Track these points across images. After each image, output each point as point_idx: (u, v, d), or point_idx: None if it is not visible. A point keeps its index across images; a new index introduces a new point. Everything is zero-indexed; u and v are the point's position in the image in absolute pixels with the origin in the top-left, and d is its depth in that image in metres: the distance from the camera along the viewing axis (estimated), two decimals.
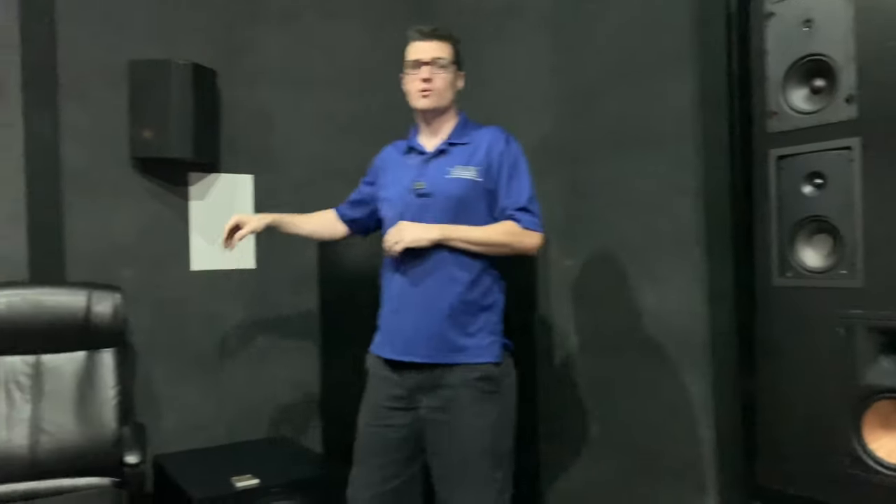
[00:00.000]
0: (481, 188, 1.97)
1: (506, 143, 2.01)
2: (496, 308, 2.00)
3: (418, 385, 1.96)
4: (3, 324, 2.34)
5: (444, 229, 1.93)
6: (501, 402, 1.96)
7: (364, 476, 2.02)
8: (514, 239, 1.95)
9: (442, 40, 2.03)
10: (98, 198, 2.68)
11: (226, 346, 2.93)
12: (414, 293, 1.96)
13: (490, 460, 1.92)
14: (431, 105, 2.01)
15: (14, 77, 2.53)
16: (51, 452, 2.32)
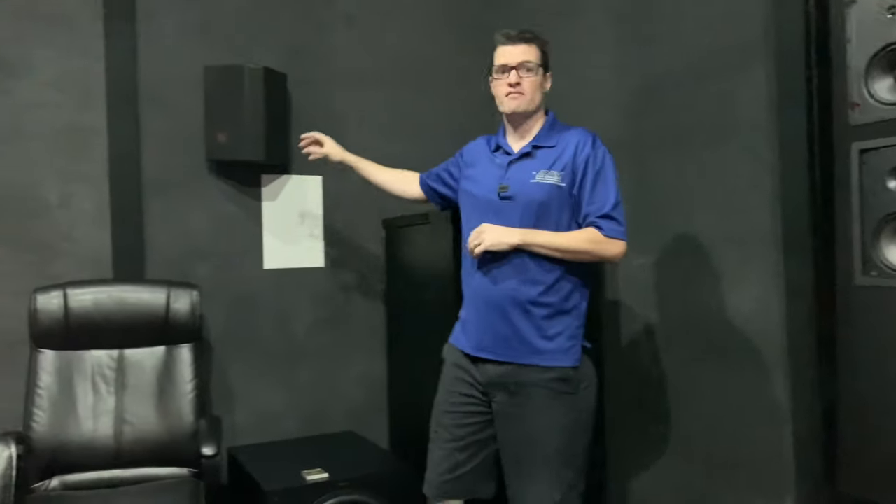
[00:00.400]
0: (565, 193, 1.95)
1: (592, 147, 1.98)
2: (577, 312, 1.99)
3: (493, 381, 1.99)
4: (90, 320, 2.47)
5: (524, 234, 1.93)
6: (578, 403, 1.95)
7: (436, 464, 2.07)
8: (595, 247, 1.93)
9: (529, 43, 2.02)
10: (176, 199, 2.79)
11: (296, 342, 3.00)
12: (493, 293, 1.98)
13: (560, 459, 1.93)
14: (520, 108, 2.02)
15: (99, 86, 2.67)
16: (133, 442, 2.44)
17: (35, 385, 2.40)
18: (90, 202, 2.66)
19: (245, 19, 2.91)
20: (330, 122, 3.04)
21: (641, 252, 2.56)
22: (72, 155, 2.64)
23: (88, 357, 2.49)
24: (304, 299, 3.01)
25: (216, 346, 2.86)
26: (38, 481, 2.33)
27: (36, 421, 2.36)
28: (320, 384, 3.03)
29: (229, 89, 2.72)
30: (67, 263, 2.62)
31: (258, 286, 2.93)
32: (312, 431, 2.98)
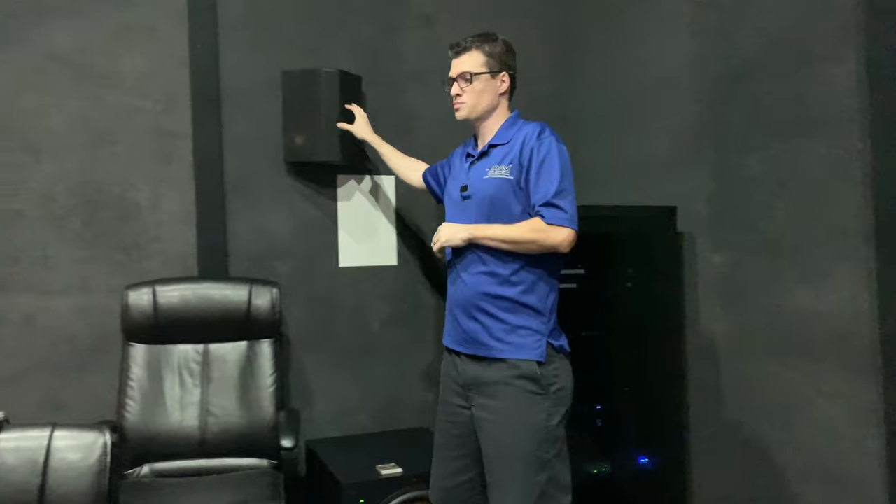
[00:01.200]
0: (513, 185, 1.99)
1: (538, 137, 1.99)
2: (541, 306, 1.99)
3: (469, 381, 2.03)
4: (177, 315, 2.59)
5: (473, 229, 2.00)
6: (548, 404, 1.93)
7: (435, 470, 2.13)
8: (539, 236, 1.93)
9: (467, 52, 2.09)
10: (256, 200, 2.89)
11: (371, 338, 3.06)
12: (455, 290, 2.08)
13: (532, 464, 1.90)
14: (463, 117, 2.11)
15: (184, 92, 2.80)
16: (217, 434, 2.54)
17: (127, 377, 2.54)
18: (177, 204, 2.79)
19: (322, 23, 2.98)
20: (404, 121, 3.09)
21: (721, 248, 2.48)
22: (160, 159, 2.77)
23: (176, 351, 2.62)
24: (378, 297, 3.07)
25: (295, 341, 2.95)
26: (130, 468, 2.47)
27: (128, 411, 2.50)
28: (394, 380, 3.08)
29: (306, 93, 2.80)
30: (156, 262, 2.75)
31: (334, 284, 3.00)
32: (386, 427, 3.03)
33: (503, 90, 2.11)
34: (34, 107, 2.62)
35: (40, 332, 2.62)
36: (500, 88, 2.10)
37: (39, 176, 2.63)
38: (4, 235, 2.59)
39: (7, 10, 2.59)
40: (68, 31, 2.65)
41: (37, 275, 2.62)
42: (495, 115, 2.11)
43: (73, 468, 1.11)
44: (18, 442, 1.10)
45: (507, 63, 2.10)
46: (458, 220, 2.08)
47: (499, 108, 2.11)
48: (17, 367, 2.59)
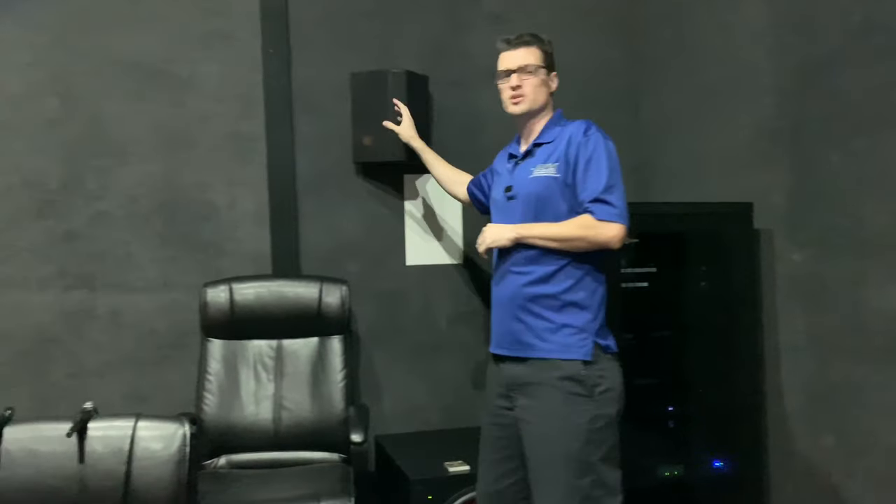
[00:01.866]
0: (560, 184, 1.97)
1: (584, 134, 1.98)
2: (587, 304, 1.97)
3: (512, 382, 2.01)
4: (252, 312, 2.67)
5: (520, 228, 1.98)
6: (594, 406, 1.90)
7: (482, 473, 2.12)
8: (588, 232, 1.91)
9: (528, 46, 2.09)
10: (326, 200, 2.96)
11: (438, 336, 3.08)
12: (502, 291, 2.05)
13: (574, 467, 1.87)
14: (522, 110, 2.08)
15: (258, 96, 2.88)
16: (290, 427, 2.61)
17: (205, 371, 2.64)
18: (252, 204, 2.88)
19: (391, 24, 3.02)
20: (470, 120, 3.09)
21: (802, 246, 2.38)
22: (235, 161, 2.87)
23: (251, 346, 2.71)
24: (445, 295, 3.09)
25: (364, 338, 3.00)
26: (208, 459, 2.57)
27: (206, 404, 2.60)
28: (462, 378, 3.09)
29: (374, 94, 2.84)
30: (232, 260, 2.85)
31: (402, 282, 3.04)
32: (454, 424, 3.04)
33: (553, 88, 2.13)
34: (119, 113, 2.76)
35: (125, 327, 2.76)
36: (552, 86, 2.12)
37: (124, 178, 2.77)
38: (92, 235, 2.73)
39: (92, 22, 2.73)
40: (150, 39, 2.78)
41: (122, 273, 2.76)
42: (545, 113, 2.12)
43: (156, 457, 1.16)
44: (106, 431, 1.16)
45: (554, 62, 2.13)
46: (503, 221, 2.07)
47: (547, 106, 2.12)
48: (104, 360, 2.74)
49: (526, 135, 2.14)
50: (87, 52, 2.73)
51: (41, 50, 2.69)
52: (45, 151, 2.70)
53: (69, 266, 2.71)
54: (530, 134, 2.12)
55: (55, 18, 2.70)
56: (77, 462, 1.14)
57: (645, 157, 3.12)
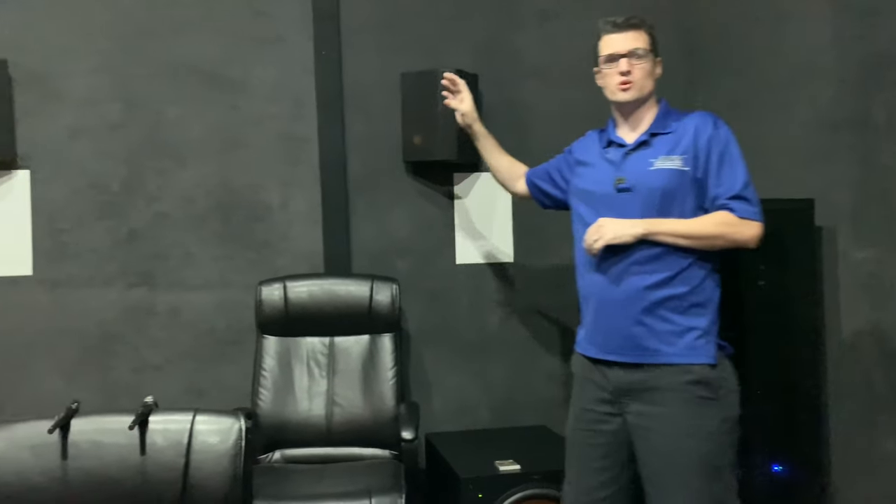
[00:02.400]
0: (689, 178, 1.85)
1: (714, 127, 1.88)
2: (710, 305, 1.88)
3: (625, 387, 1.89)
4: (305, 309, 2.72)
5: (649, 223, 1.84)
6: (720, 410, 1.82)
7: (578, 481, 1.99)
8: (729, 230, 1.82)
9: (637, 29, 1.96)
10: (376, 199, 2.99)
11: (488, 335, 3.07)
12: (615, 291, 1.89)
13: (706, 472, 1.80)
14: (631, 97, 1.95)
15: (310, 98, 2.93)
16: (342, 423, 2.65)
17: (260, 367, 2.70)
18: (304, 204, 2.93)
19: (440, 23, 3.03)
20: (520, 118, 3.07)
21: (866, 243, 2.29)
22: (288, 162, 2.93)
23: (304, 343, 2.76)
24: (495, 293, 3.08)
25: (414, 336, 3.02)
26: (263, 453, 2.63)
27: (261, 399, 2.66)
28: (512, 377, 3.08)
29: (424, 93, 2.85)
30: (286, 259, 2.91)
31: (452, 280, 3.05)
32: (504, 423, 3.04)
33: (658, 75, 2.00)
34: (178, 116, 2.85)
35: (184, 324, 2.85)
36: (657, 73, 2.00)
37: (182, 180, 2.85)
38: (153, 235, 2.83)
39: (150, 29, 2.82)
40: (206, 44, 2.86)
41: (181, 271, 2.85)
42: (651, 101, 1.99)
43: (213, 451, 1.19)
44: (166, 424, 1.20)
45: (658, 49, 1.99)
46: (613, 216, 1.89)
47: (653, 93, 1.99)
48: (164, 355, 2.83)
49: (631, 124, 1.99)
50: (147, 57, 2.82)
51: (104, 56, 2.79)
52: (109, 154, 2.80)
53: (131, 265, 2.81)
54: (638, 123, 1.97)
55: (117, 26, 2.80)
56: (139, 454, 1.18)
57: None
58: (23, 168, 2.73)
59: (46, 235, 2.76)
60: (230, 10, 2.88)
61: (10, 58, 2.68)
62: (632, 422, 1.88)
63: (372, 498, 2.24)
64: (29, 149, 2.74)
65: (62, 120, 2.77)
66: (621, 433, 1.91)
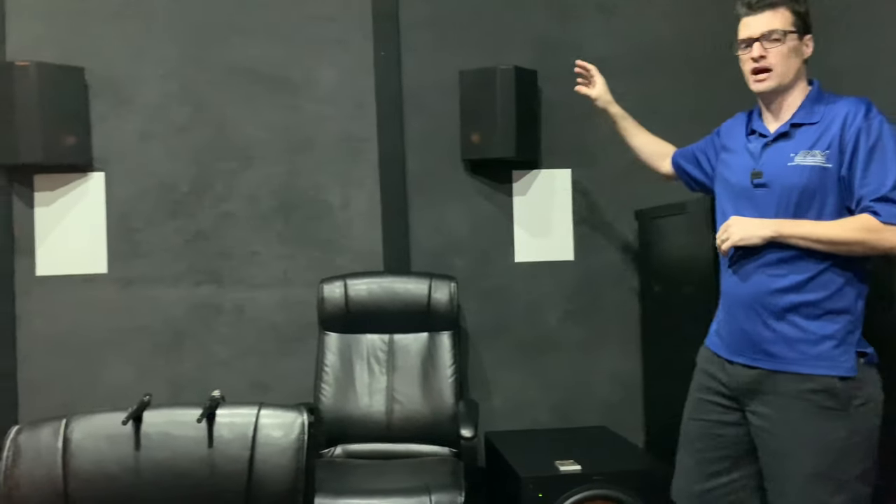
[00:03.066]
0: (831, 175, 1.70)
1: (865, 117, 1.68)
2: (850, 313, 1.72)
3: (744, 387, 1.81)
4: (365, 307, 2.76)
5: (780, 226, 1.72)
6: (848, 422, 1.68)
7: (687, 469, 1.93)
8: (870, 237, 1.65)
9: (774, 8, 1.77)
10: (435, 197, 3.00)
11: (548, 334, 3.05)
12: (744, 292, 1.80)
13: (823, 484, 1.69)
14: (768, 87, 1.80)
15: (370, 98, 2.97)
16: (401, 419, 2.67)
17: (322, 363, 2.75)
18: (364, 203, 2.97)
19: (498, 20, 3.02)
20: (581, 115, 3.02)
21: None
22: (349, 162, 2.97)
23: (364, 340, 2.79)
24: (555, 292, 3.05)
25: (472, 334, 3.02)
26: (325, 448, 2.67)
27: (323, 394, 2.70)
28: (572, 376, 3.04)
29: (482, 90, 2.85)
30: (347, 257, 2.95)
31: (510, 278, 3.03)
32: (564, 423, 3.01)
33: (807, 55, 1.80)
34: (243, 118, 2.92)
35: (249, 320, 2.92)
36: (806, 53, 1.79)
37: (247, 181, 2.93)
38: (219, 234, 2.91)
39: (218, 35, 2.91)
40: (270, 48, 2.93)
41: (246, 269, 2.92)
42: (799, 86, 1.80)
43: (277, 444, 1.22)
44: (232, 418, 1.23)
45: (809, 24, 1.79)
46: (747, 213, 1.79)
47: (802, 77, 1.80)
48: (230, 351, 2.91)
49: (776, 111, 1.83)
50: (213, 62, 2.91)
51: (173, 62, 2.89)
52: (178, 157, 2.90)
53: (198, 263, 2.91)
54: (782, 111, 1.81)
55: (185, 33, 2.90)
56: (206, 446, 1.21)
57: None
58: (97, 171, 2.86)
59: (120, 235, 2.87)
60: (293, 13, 2.94)
61: (87, 65, 2.81)
62: (752, 421, 1.80)
63: (431, 494, 2.25)
64: (103, 152, 2.86)
65: (134, 124, 2.88)
66: (739, 428, 1.83)
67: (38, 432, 1.21)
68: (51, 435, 1.21)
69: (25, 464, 1.19)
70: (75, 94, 2.77)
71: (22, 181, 2.83)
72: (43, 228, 2.83)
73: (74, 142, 2.75)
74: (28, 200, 2.83)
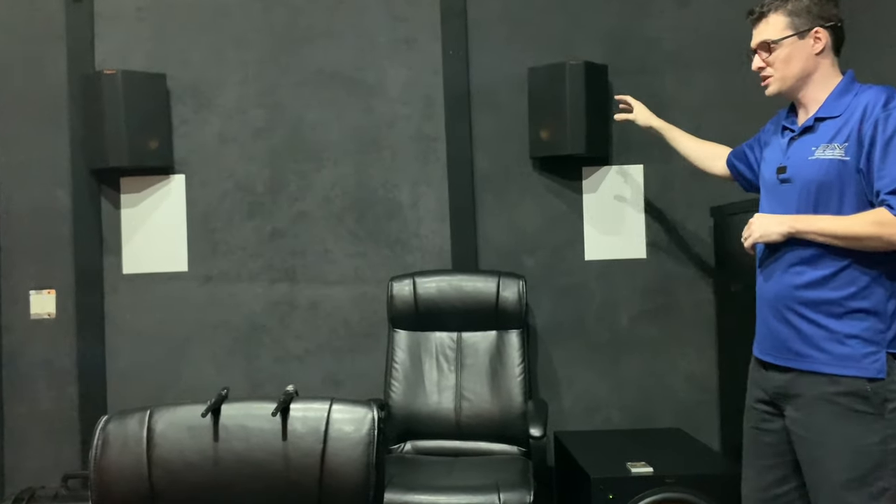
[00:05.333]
0: (850, 168, 1.67)
1: (884, 106, 1.65)
2: (877, 311, 1.68)
3: (778, 390, 1.81)
4: (434, 305, 2.78)
5: (795, 221, 1.72)
6: (885, 426, 1.64)
7: (749, 478, 1.94)
8: (884, 231, 1.61)
9: (765, 17, 1.81)
10: (503, 196, 2.99)
11: (620, 333, 2.99)
12: (768, 291, 1.82)
13: (862, 491, 1.64)
14: (774, 92, 1.84)
15: (439, 97, 2.98)
16: (470, 417, 2.68)
17: (392, 360, 2.79)
18: (433, 202, 2.99)
19: (567, 14, 2.98)
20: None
21: None
22: (418, 161, 3.00)
23: (433, 338, 2.81)
24: (627, 290, 2.99)
25: (542, 333, 2.99)
26: (395, 444, 2.71)
27: (393, 391, 2.74)
28: (645, 377, 2.98)
29: (552, 87, 2.82)
30: (416, 256, 2.98)
31: (581, 277, 2.99)
32: (636, 425, 2.95)
33: (819, 49, 1.76)
34: (317, 120, 3.00)
35: (322, 317, 2.99)
36: (815, 48, 1.76)
37: (321, 180, 3.00)
38: (294, 232, 2.99)
39: (291, 39, 2.99)
40: (343, 50, 2.99)
41: (319, 267, 2.99)
42: (818, 80, 1.78)
43: (348, 439, 1.24)
44: (305, 412, 1.26)
45: (819, 15, 1.76)
46: (773, 209, 1.81)
47: (819, 71, 1.77)
48: (304, 347, 2.99)
49: (803, 107, 1.82)
50: (288, 65, 2.99)
51: (250, 67, 2.99)
52: (254, 158, 3.00)
53: (275, 261, 2.99)
54: (808, 105, 1.80)
55: (261, 37, 2.99)
56: (281, 439, 1.24)
57: None
58: (178, 173, 2.98)
59: (200, 234, 2.99)
60: (365, 14, 2.99)
61: (168, 72, 2.94)
62: (788, 426, 1.79)
63: (500, 493, 2.25)
64: (184, 155, 2.99)
65: (213, 127, 2.99)
66: (785, 433, 1.81)
67: (124, 422, 1.27)
68: (136, 425, 1.26)
69: (113, 452, 1.25)
70: (158, 100, 2.90)
71: (109, 184, 2.98)
72: (129, 229, 2.98)
73: (157, 146, 2.88)
74: (115, 202, 2.99)
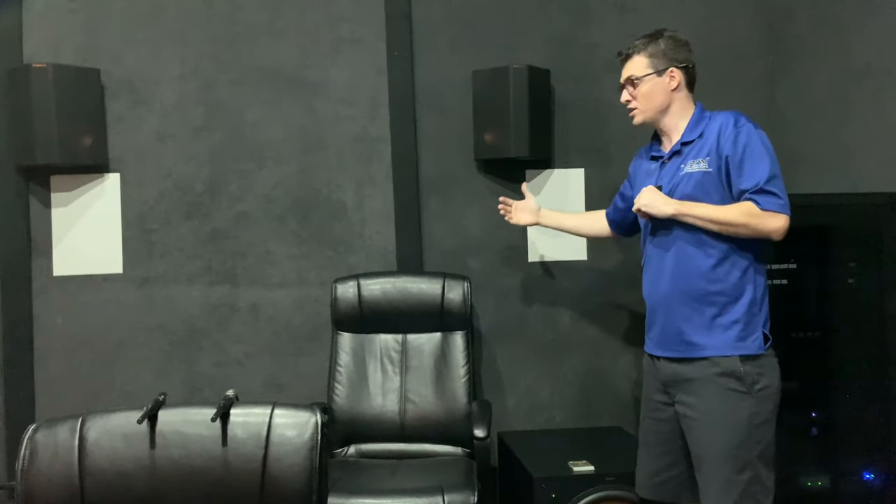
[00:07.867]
0: (713, 178, 1.95)
1: (734, 126, 1.95)
2: (749, 297, 1.94)
3: (670, 379, 2.01)
4: (379, 307, 2.76)
5: (680, 205, 1.94)
6: (753, 403, 1.89)
7: (643, 464, 2.13)
8: (752, 220, 1.88)
9: (629, 59, 2.08)
10: (448, 197, 3.00)
11: (562, 334, 3.04)
12: (657, 286, 2.04)
13: (734, 464, 1.88)
14: (639, 122, 2.11)
15: (384, 98, 2.97)
16: (415, 419, 2.68)
17: (336, 363, 2.76)
18: (378, 203, 2.98)
19: (512, 19, 3.01)
20: (595, 114, 3.02)
21: None
22: (363, 162, 2.97)
23: (378, 340, 2.80)
24: (568, 292, 3.04)
25: (486, 334, 3.01)
26: (338, 447, 2.68)
27: (337, 394, 2.71)
28: (587, 377, 3.04)
29: (495, 90, 2.84)
30: (360, 257, 2.96)
31: (524, 278, 3.02)
32: (579, 424, 3.00)
33: (674, 86, 2.06)
34: (258, 119, 2.94)
35: (263, 320, 2.94)
36: (671, 85, 2.05)
37: (262, 180, 2.94)
38: (235, 234, 2.93)
39: (232, 36, 2.92)
40: (285, 48, 2.94)
41: (261, 269, 2.94)
42: (675, 111, 2.07)
43: (290, 444, 1.22)
44: (246, 417, 1.24)
45: (674, 58, 2.06)
46: (655, 224, 2.04)
47: (675, 104, 2.06)
48: (245, 350, 2.93)
49: (667, 136, 2.11)
50: (228, 63, 2.92)
51: (188, 63, 2.91)
52: (193, 157, 2.92)
53: (214, 263, 2.92)
54: (671, 134, 2.09)
55: (200, 33, 2.91)
56: (221, 445, 1.22)
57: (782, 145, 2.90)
58: (113, 172, 2.88)
59: (135, 235, 2.90)
60: (308, 13, 2.94)
61: (102, 67, 2.84)
62: (679, 411, 2.00)
63: (444, 494, 2.25)
64: (119, 153, 2.89)
65: (149, 125, 2.90)
66: (676, 421, 2.02)
67: (54, 431, 1.22)
68: (67, 433, 1.22)
69: (42, 462, 1.20)
70: (91, 96, 2.80)
71: (39, 182, 2.86)
72: (59, 229, 2.86)
73: (90, 143, 2.78)
74: (45, 201, 2.86)
